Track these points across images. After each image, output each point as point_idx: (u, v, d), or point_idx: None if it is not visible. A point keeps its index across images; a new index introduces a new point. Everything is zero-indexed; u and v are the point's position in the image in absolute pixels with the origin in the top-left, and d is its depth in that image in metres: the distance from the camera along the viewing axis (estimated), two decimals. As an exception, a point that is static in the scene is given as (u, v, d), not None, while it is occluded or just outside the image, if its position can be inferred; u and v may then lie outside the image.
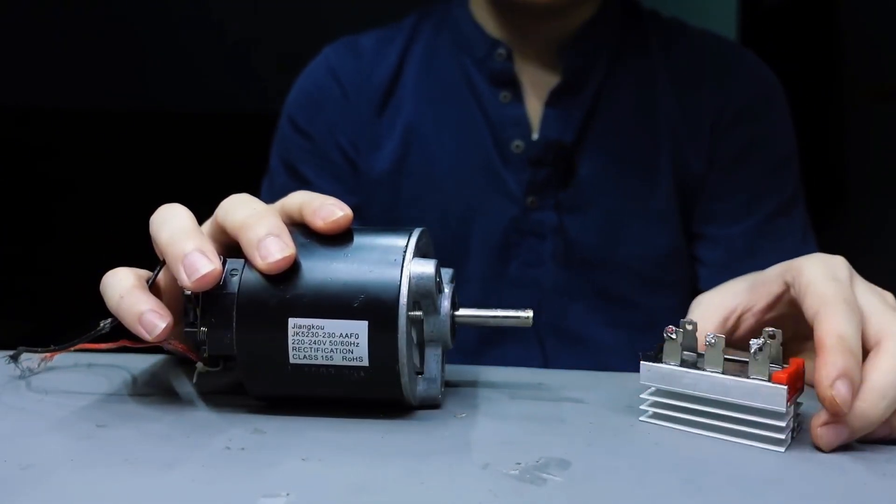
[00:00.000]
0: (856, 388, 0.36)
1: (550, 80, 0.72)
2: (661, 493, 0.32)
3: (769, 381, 0.36)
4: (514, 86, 0.72)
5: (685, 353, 0.38)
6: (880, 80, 1.65)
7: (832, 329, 0.37)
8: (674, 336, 0.38)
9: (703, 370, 0.37)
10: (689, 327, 0.39)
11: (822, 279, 0.39)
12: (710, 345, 0.37)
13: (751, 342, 0.36)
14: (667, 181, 0.72)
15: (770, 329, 0.37)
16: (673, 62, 0.74)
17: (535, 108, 0.72)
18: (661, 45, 0.74)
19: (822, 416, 0.36)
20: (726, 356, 0.37)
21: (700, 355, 0.38)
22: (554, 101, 0.71)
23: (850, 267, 0.41)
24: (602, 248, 0.71)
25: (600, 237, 0.71)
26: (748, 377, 0.36)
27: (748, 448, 0.36)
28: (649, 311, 0.72)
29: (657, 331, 0.74)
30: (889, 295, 0.41)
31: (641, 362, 0.39)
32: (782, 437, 0.36)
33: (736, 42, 0.77)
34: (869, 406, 0.36)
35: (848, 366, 0.36)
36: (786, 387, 0.35)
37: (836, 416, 0.36)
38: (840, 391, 0.35)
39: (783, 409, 0.35)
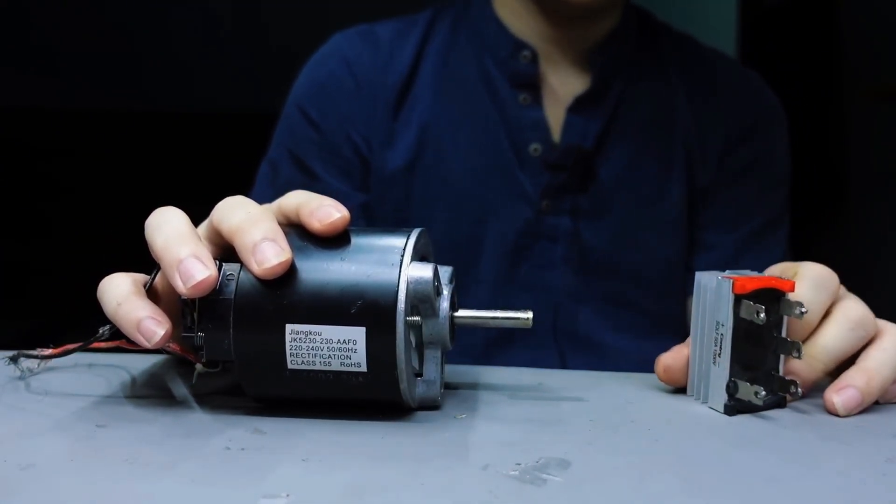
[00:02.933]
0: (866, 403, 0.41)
1: (572, 86, 0.72)
2: (661, 493, 0.32)
3: None
4: (534, 89, 0.71)
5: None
6: (880, 80, 1.65)
7: (862, 360, 0.41)
8: None
9: None
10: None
11: (816, 270, 0.43)
12: None
13: None
14: (679, 191, 0.73)
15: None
16: (687, 77, 0.75)
17: (553, 112, 0.72)
18: (676, 60, 0.75)
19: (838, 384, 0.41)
20: None
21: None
22: (578, 108, 0.71)
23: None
24: (615, 253, 0.72)
25: (614, 243, 0.72)
26: None
27: (748, 448, 0.36)
28: (656, 317, 0.73)
29: (662, 336, 0.75)
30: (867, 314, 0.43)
31: None
32: None
33: (739, 63, 0.78)
34: (870, 377, 0.40)
35: (862, 386, 0.41)
36: None
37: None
38: (848, 396, 0.40)
39: None
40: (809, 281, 0.42)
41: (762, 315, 0.39)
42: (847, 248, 1.70)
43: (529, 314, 0.40)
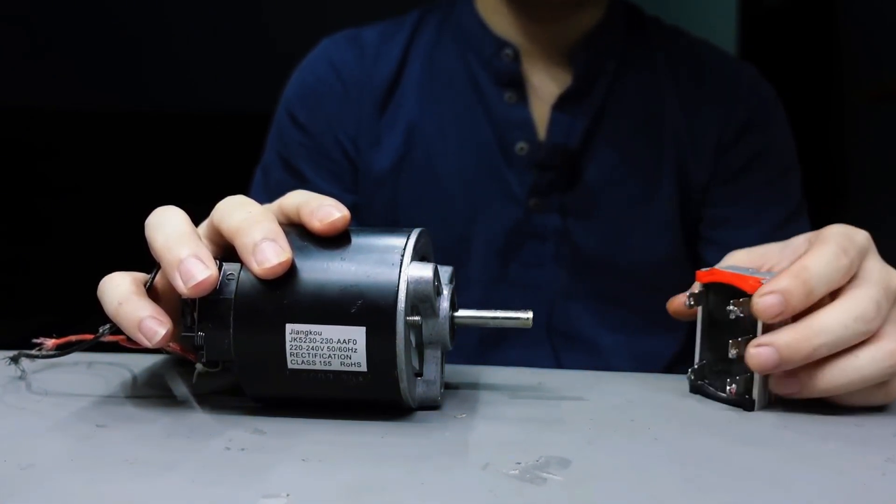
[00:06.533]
0: (789, 311, 0.38)
1: (556, 84, 0.72)
2: (661, 493, 0.32)
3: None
4: (519, 87, 0.71)
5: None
6: (880, 80, 1.65)
7: (803, 259, 0.39)
8: None
9: None
10: None
11: (836, 234, 0.40)
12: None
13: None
14: (669, 189, 0.72)
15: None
16: (676, 73, 0.74)
17: (539, 110, 0.72)
18: (664, 55, 0.75)
19: (757, 339, 0.38)
20: None
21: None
22: (562, 105, 0.71)
23: (871, 242, 0.42)
24: (604, 252, 0.71)
25: (602, 241, 0.71)
26: None
27: (748, 447, 0.36)
28: (645, 314, 0.72)
29: (656, 333, 0.75)
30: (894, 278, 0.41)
31: None
32: None
33: (734, 55, 0.77)
34: (799, 338, 0.37)
35: (789, 288, 0.37)
36: None
37: (764, 320, 0.38)
38: (767, 301, 0.37)
39: None
40: (823, 246, 0.39)
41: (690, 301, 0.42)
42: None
43: (529, 314, 0.40)
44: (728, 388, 0.41)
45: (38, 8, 2.19)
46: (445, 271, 0.40)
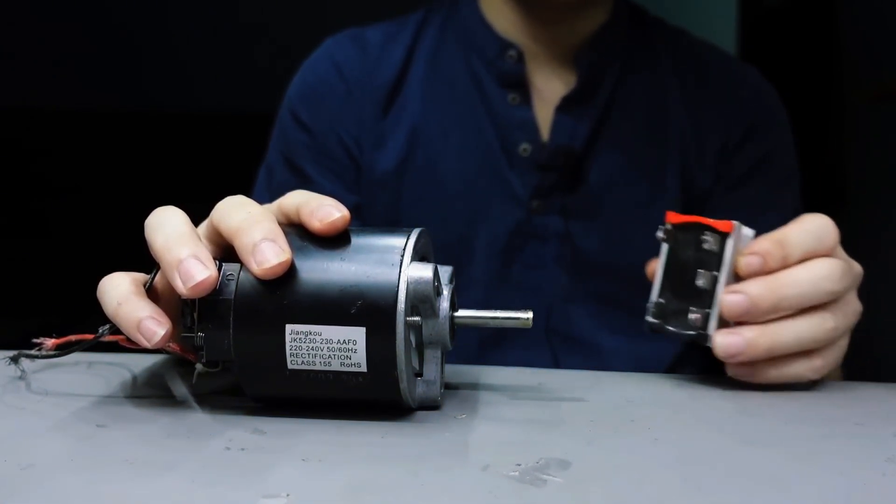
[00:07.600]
0: (769, 269, 0.42)
1: (560, 85, 0.72)
2: (661, 493, 0.32)
3: None
4: (523, 88, 0.71)
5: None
6: (880, 80, 1.65)
7: (777, 232, 0.44)
8: None
9: None
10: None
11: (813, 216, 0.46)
12: None
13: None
14: (673, 192, 0.72)
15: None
16: (682, 74, 0.74)
17: (542, 112, 0.71)
18: (668, 56, 0.75)
19: (731, 287, 0.43)
20: None
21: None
22: (566, 107, 0.71)
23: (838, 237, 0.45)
24: (606, 254, 0.71)
25: (604, 243, 0.71)
26: None
27: (748, 447, 0.36)
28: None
29: (656, 337, 0.75)
30: (857, 266, 0.46)
31: None
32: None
33: (737, 58, 0.77)
34: (769, 287, 0.42)
35: (769, 250, 0.42)
36: None
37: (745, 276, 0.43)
38: (749, 260, 0.43)
39: None
40: (802, 223, 0.45)
41: (660, 235, 0.45)
42: (844, 249, 1.70)
43: (529, 314, 0.40)
44: (690, 320, 0.43)
45: (37, 8, 2.19)
46: (445, 271, 0.40)
